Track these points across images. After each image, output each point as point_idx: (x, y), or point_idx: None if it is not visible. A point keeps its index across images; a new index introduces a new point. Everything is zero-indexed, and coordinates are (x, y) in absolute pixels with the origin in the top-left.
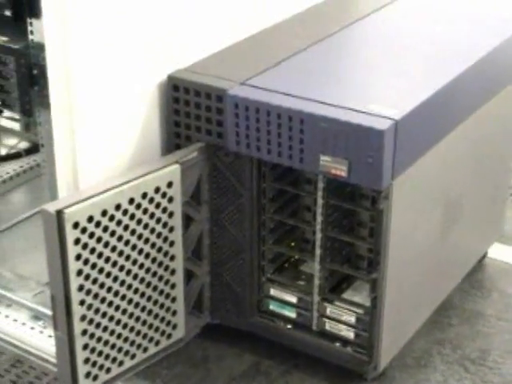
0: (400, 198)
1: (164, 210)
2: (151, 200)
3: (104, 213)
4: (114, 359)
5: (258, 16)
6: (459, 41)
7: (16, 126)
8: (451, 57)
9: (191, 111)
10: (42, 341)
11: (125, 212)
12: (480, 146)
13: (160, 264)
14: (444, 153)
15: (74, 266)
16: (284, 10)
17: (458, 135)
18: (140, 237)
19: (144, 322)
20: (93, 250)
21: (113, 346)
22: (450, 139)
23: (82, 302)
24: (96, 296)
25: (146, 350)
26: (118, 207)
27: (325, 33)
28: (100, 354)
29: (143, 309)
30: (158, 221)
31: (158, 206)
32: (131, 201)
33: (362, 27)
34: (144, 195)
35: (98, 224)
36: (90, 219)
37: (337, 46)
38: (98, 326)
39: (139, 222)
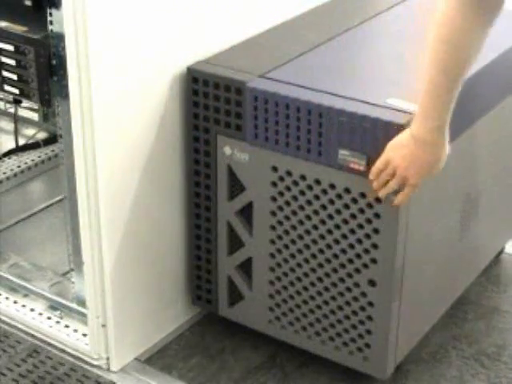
0: (418, 193)
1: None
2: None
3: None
4: None
5: (278, 9)
6: None
7: (35, 116)
8: None
9: (210, 103)
10: (58, 331)
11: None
12: (499, 141)
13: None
14: (463, 148)
15: None
16: (304, 4)
17: (478, 130)
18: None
19: None
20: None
21: None
22: (470, 134)
23: None
24: None
25: None
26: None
27: (344, 26)
28: None
29: None
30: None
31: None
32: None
33: (381, 21)
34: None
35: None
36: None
37: (356, 40)
38: None
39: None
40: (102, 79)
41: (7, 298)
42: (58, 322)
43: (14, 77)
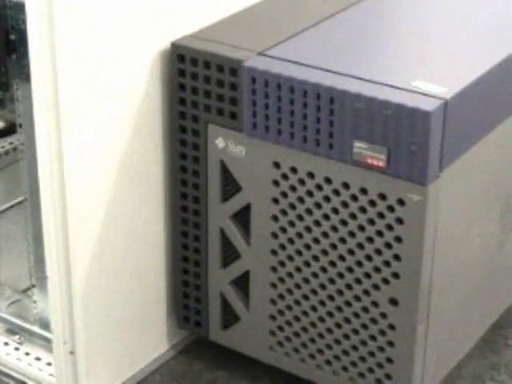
0: (449, 194)
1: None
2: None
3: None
4: None
5: None
6: None
7: None
8: None
9: (199, 86)
10: (18, 359)
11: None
12: None
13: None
14: (501, 141)
15: None
16: None
17: None
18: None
19: None
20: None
21: None
22: (509, 125)
23: None
24: None
25: None
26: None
27: None
28: None
29: None
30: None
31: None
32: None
33: None
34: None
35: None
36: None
37: (373, 11)
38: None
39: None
40: (70, 58)
41: None
42: (17, 349)
43: None
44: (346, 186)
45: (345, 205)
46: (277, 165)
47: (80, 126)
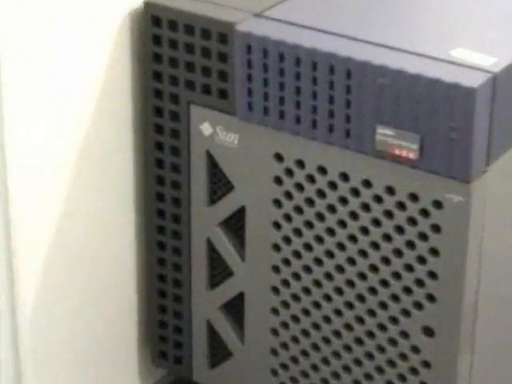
0: (498, 194)
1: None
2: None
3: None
4: None
5: None
6: None
7: None
8: None
9: (179, 57)
10: None
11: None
12: None
13: None
14: None
15: None
16: None
17: None
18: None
19: None
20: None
21: None
22: None
23: None
24: None
25: None
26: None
27: None
28: None
29: None
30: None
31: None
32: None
33: None
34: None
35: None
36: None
37: None
38: None
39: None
40: (13, 21)
41: None
42: None
43: None
44: (366, 184)
45: (366, 208)
46: (279, 157)
47: (27, 111)
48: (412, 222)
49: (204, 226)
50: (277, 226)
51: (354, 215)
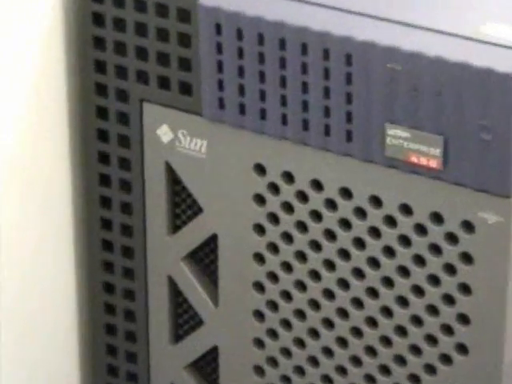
0: None
1: None
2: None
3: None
4: None
5: None
6: None
7: None
8: None
9: (128, 41)
10: None
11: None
12: None
13: None
14: None
15: None
16: None
17: None
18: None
19: None
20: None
21: None
22: None
23: None
24: None
25: None
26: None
27: None
28: None
29: None
30: None
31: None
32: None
33: None
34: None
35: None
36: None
37: None
38: None
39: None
40: None
41: None
42: None
43: None
44: (375, 201)
45: (374, 233)
46: (260, 169)
47: None
48: (435, 249)
49: (164, 260)
50: (259, 258)
51: (359, 242)
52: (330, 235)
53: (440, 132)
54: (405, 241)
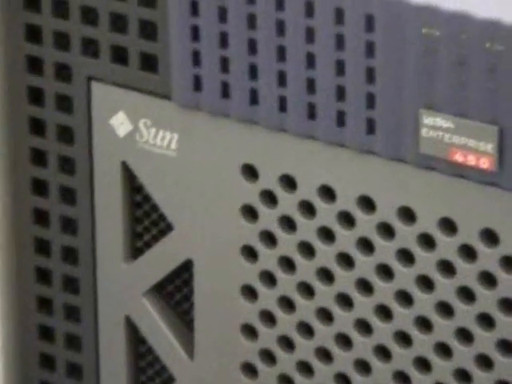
0: None
1: None
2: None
3: None
4: None
5: None
6: None
7: None
8: None
9: (72, 4)
10: None
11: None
12: None
13: None
14: None
15: None
16: None
17: None
18: None
19: None
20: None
21: None
22: None
23: None
24: None
25: None
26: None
27: None
28: None
29: None
30: None
31: None
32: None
33: None
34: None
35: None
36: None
37: None
38: None
39: None
40: None
41: None
42: None
43: None
44: (407, 214)
45: (406, 258)
46: (251, 171)
47: None
48: (487, 280)
49: (121, 296)
50: (249, 292)
51: (385, 270)
52: (346, 260)
53: (494, 121)
54: (447, 268)
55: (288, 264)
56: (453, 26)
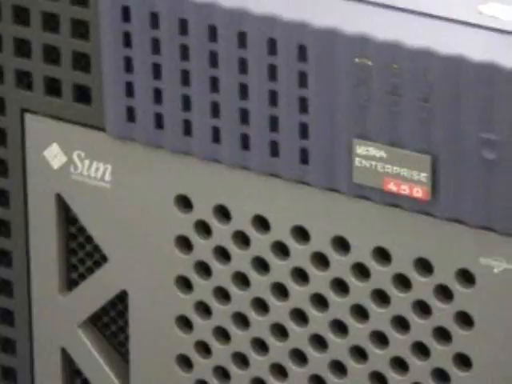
0: None
1: None
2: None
3: None
4: None
5: None
6: None
7: None
8: None
9: (4, 29)
10: None
11: None
12: None
13: None
14: None
15: None
16: None
17: None
18: None
19: None
20: None
21: None
22: None
23: None
24: None
25: None
26: None
27: None
28: None
29: None
30: None
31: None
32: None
33: None
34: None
35: None
36: None
37: None
38: None
39: None
40: None
41: None
42: None
43: None
44: (340, 244)
45: (341, 288)
46: (185, 202)
47: None
48: (422, 308)
49: (56, 327)
50: (185, 324)
51: (319, 300)
52: (281, 291)
53: (427, 150)
54: (381, 297)
55: (223, 294)
56: (385, 55)
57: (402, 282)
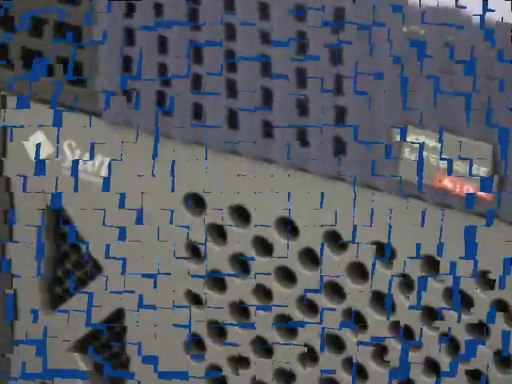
0: None
1: None
2: None
3: None
4: None
5: None
6: None
7: None
8: None
9: None
10: None
11: None
12: None
13: None
14: None
15: None
16: None
17: None
18: None
19: None
20: None
21: None
22: None
23: None
24: None
25: None
26: None
27: None
28: None
29: None
30: None
31: None
32: None
33: None
34: None
35: None
36: None
37: None
38: None
39: None
40: None
41: None
42: None
43: None
44: (382, 251)
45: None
46: (197, 201)
47: None
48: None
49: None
50: (195, 347)
51: (356, 316)
52: (311, 307)
53: (489, 137)
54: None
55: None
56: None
57: (463, 297)
